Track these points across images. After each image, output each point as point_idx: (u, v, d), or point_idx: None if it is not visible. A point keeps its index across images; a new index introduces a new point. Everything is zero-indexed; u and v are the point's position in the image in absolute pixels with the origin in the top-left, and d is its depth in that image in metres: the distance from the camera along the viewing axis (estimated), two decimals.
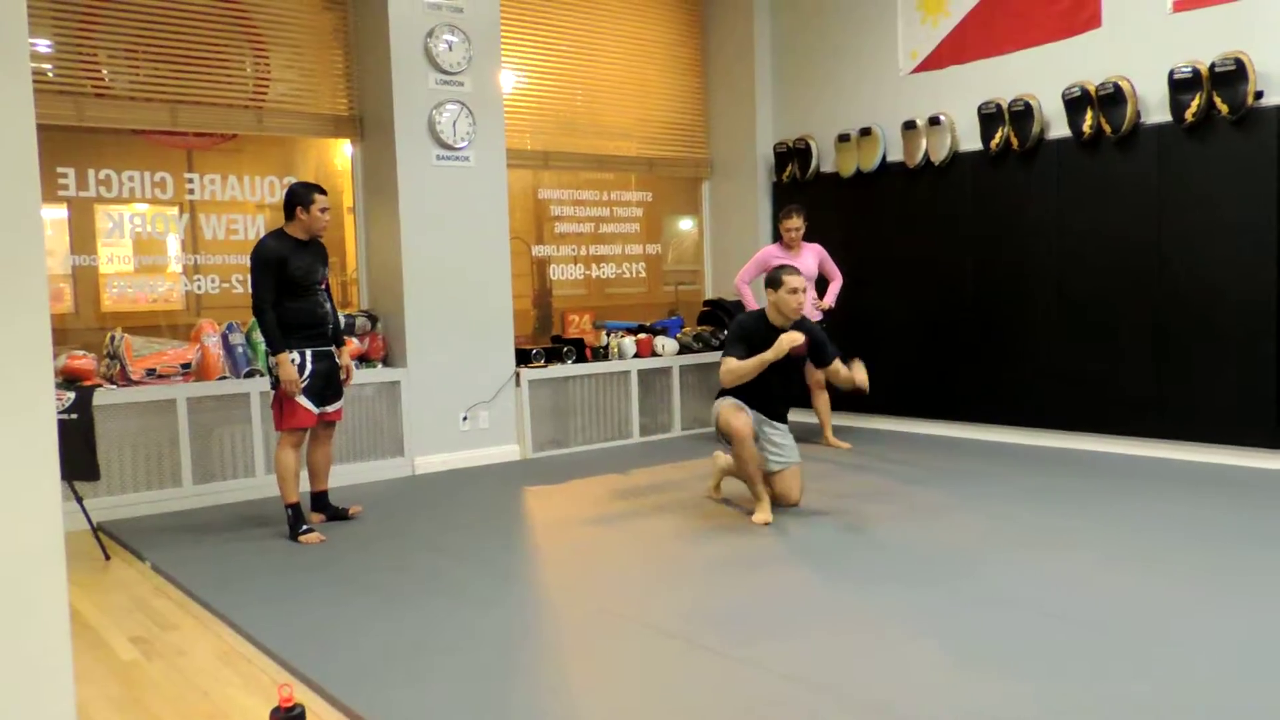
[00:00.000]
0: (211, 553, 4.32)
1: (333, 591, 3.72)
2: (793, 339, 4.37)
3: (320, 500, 4.83)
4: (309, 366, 4.49)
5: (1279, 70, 5.12)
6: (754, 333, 4.55)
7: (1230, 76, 5.19)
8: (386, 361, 6.06)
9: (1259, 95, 5.17)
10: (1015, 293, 6.31)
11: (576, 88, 7.36)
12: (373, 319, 6.06)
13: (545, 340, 7.10)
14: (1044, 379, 6.19)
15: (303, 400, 4.47)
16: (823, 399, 6.42)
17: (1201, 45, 5.37)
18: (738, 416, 4.48)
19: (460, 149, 6.12)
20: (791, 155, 7.47)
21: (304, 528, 4.47)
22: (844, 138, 7.13)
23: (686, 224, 8.22)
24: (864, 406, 7.09)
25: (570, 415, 6.66)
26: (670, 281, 8.18)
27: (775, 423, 4.71)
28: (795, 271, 4.60)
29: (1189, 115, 5.37)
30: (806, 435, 6.78)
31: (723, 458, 4.99)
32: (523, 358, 6.52)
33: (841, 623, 3.18)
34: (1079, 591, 3.38)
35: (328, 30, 6.14)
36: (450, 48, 6.05)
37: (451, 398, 6.12)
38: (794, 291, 4.53)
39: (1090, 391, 5.96)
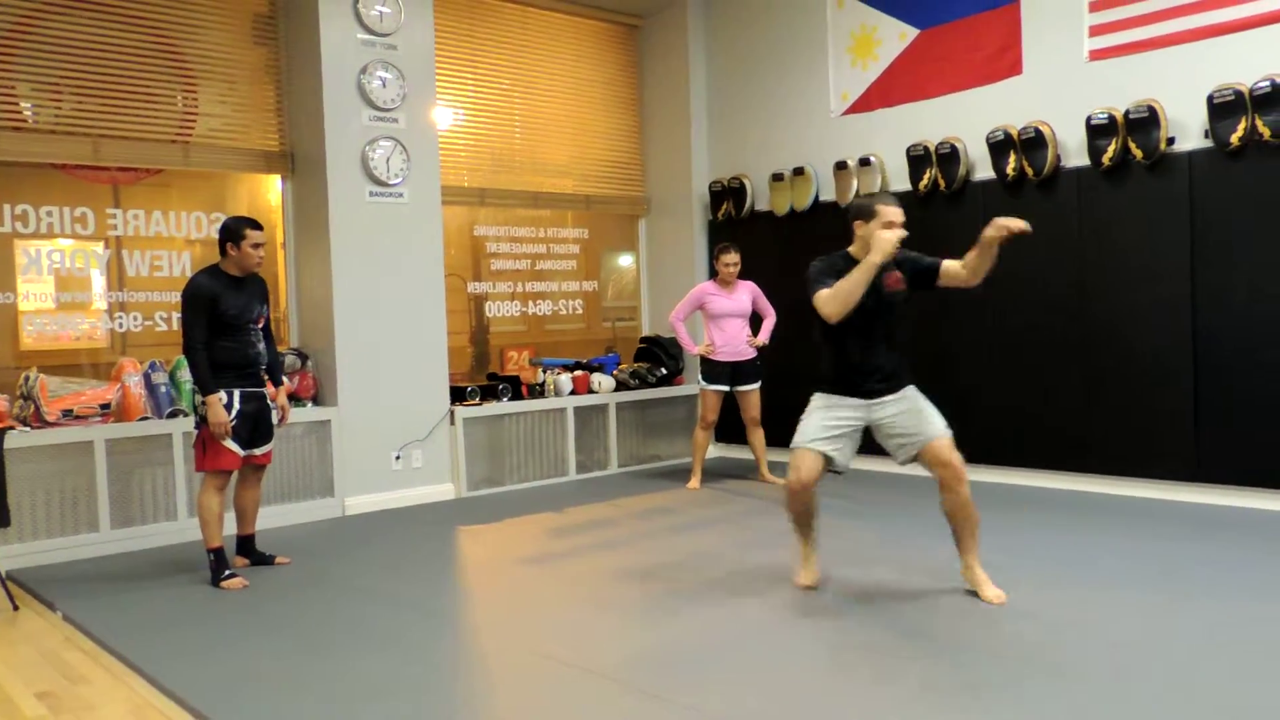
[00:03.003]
0: (128, 601, 4.16)
1: (255, 640, 3.60)
2: (898, 234, 3.57)
3: (246, 544, 4.69)
4: (236, 407, 4.38)
5: (1189, 118, 5.33)
6: (840, 270, 3.70)
7: (1144, 123, 5.39)
8: (317, 400, 5.95)
9: (1171, 141, 5.37)
10: (944, 331, 6.43)
11: (513, 125, 7.37)
12: (303, 357, 5.94)
13: (482, 377, 7.04)
14: (974, 415, 6.29)
15: (228, 442, 4.35)
16: (758, 435, 6.44)
17: (1117, 93, 5.57)
18: (798, 469, 3.73)
19: (394, 185, 6.07)
20: (727, 194, 7.56)
21: (226, 573, 4.33)
22: (778, 177, 7.24)
23: (625, 261, 8.25)
24: None
25: (506, 453, 6.59)
26: (608, 318, 8.19)
27: (883, 397, 3.76)
28: (894, 201, 3.74)
29: (1106, 160, 5.56)
30: (741, 471, 6.81)
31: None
32: (457, 395, 6.44)
33: (785, 664, 3.17)
34: (1022, 626, 3.41)
35: (259, 65, 6.07)
36: (384, 84, 6.02)
37: (384, 436, 6.02)
38: (890, 225, 3.64)
39: (1018, 427, 6.08)
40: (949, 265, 3.73)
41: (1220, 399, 5.31)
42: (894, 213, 3.66)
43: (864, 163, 6.72)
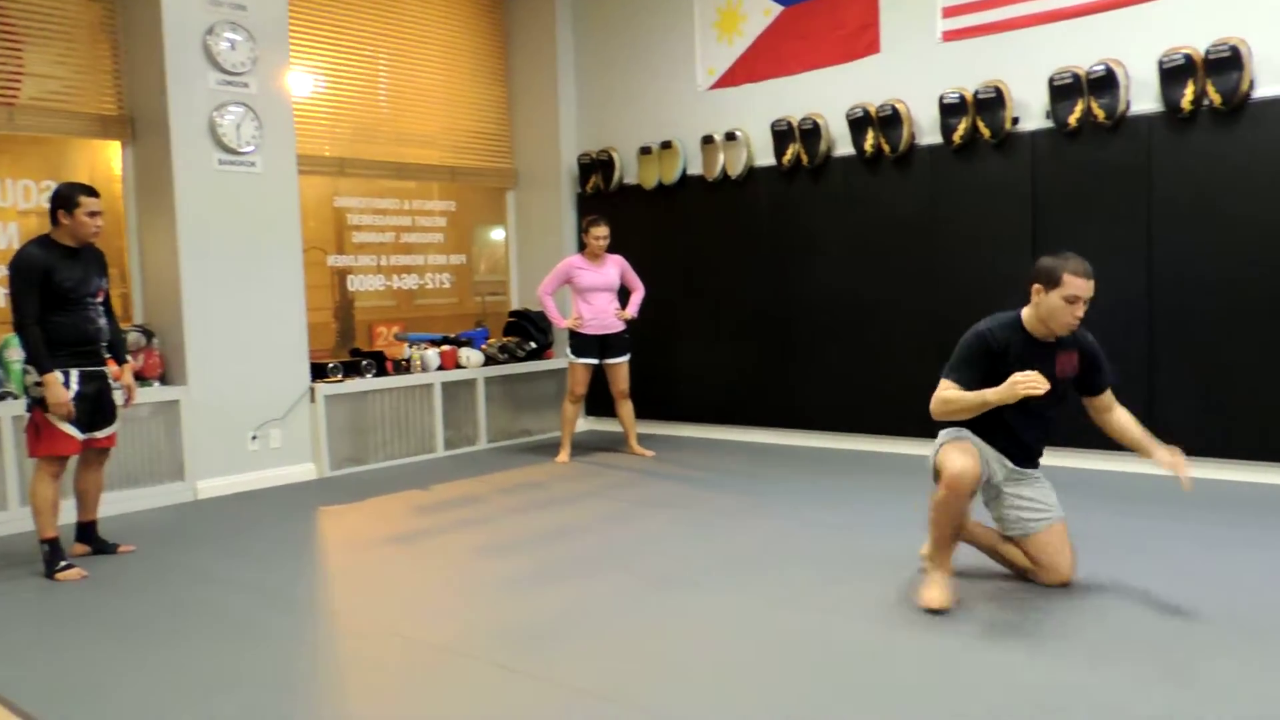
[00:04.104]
0: None
1: (95, 635, 3.41)
2: (1031, 385, 3.02)
3: (87, 531, 4.44)
4: (75, 388, 4.11)
5: (1032, 99, 5.58)
6: (1002, 348, 3.27)
7: (991, 103, 5.62)
8: (164, 379, 5.65)
9: (1016, 121, 5.62)
10: (807, 303, 6.58)
11: (376, 94, 7.13)
12: (148, 334, 5.64)
13: (346, 353, 6.83)
14: (834, 385, 6.49)
15: (65, 426, 4.09)
16: (627, 408, 6.47)
17: (967, 73, 5.79)
18: (962, 456, 3.20)
19: (245, 154, 5.79)
20: (595, 166, 7.53)
21: (62, 564, 4.08)
22: (646, 150, 7.24)
23: (495, 234, 8.12)
24: (667, 414, 7.23)
25: (370, 431, 6.43)
26: (479, 292, 8.07)
27: (1024, 469, 3.45)
28: (1086, 270, 3.19)
29: (956, 138, 5.77)
30: (610, 444, 6.85)
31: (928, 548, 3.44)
32: (319, 372, 6.24)
33: (638, 632, 3.20)
34: (867, 591, 3.54)
35: (93, 23, 5.67)
36: (233, 46, 5.72)
37: (239, 416, 5.78)
38: (1074, 301, 3.18)
39: (878, 396, 6.29)
40: (1110, 404, 3.45)
41: None
42: (1081, 286, 3.17)
43: (730, 137, 6.79)
